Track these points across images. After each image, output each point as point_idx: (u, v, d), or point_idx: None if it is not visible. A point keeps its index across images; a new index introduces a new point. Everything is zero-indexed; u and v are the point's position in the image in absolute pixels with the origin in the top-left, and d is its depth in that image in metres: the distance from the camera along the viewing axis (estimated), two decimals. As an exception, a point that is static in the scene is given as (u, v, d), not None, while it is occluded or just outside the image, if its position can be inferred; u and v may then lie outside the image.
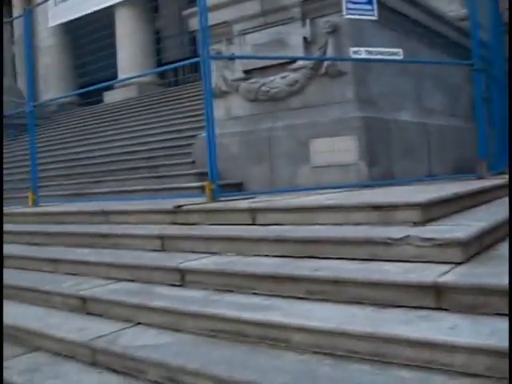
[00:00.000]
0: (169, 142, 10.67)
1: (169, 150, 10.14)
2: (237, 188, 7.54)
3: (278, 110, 7.68)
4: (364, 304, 3.42)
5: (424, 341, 2.85)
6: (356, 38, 7.18)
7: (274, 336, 3.35)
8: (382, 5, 6.90)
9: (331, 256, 4.04)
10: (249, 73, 7.94)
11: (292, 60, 7.48)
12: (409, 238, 3.77)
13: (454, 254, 3.60)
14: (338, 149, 7.00)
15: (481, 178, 6.81)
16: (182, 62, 8.02)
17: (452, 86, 9.38)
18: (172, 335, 3.76)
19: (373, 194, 5.63)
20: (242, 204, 5.49)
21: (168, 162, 9.46)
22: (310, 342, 3.20)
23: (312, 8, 7.45)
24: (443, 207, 4.60)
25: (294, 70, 7.47)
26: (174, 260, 4.72)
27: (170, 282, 4.52)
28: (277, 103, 7.70)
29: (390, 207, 4.40)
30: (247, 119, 8.01)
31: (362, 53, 6.64)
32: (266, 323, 3.41)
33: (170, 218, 5.83)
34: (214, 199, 5.93)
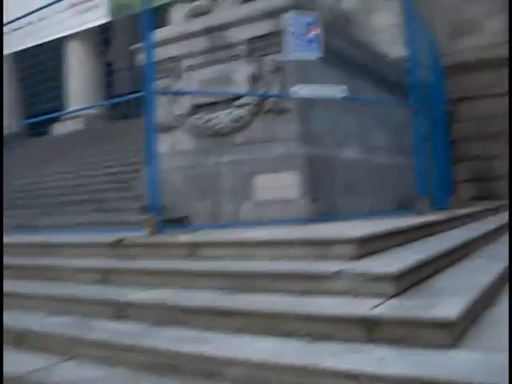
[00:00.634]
0: (114, 176, 10.63)
1: (115, 184, 10.09)
2: (181, 222, 7.54)
3: (223, 145, 7.77)
4: (298, 337, 3.47)
5: (352, 372, 2.91)
6: (301, 76, 7.31)
7: (209, 369, 3.37)
8: (326, 45, 7.07)
9: (267, 290, 4.10)
10: (196, 108, 8.02)
11: (237, 96, 7.59)
12: (343, 272, 3.87)
13: (386, 287, 3.70)
14: (281, 185, 7.09)
15: (421, 213, 6.98)
16: (126, 97, 8.06)
17: (395, 125, 9.62)
18: (107, 369, 3.73)
19: (312, 229, 5.72)
20: (183, 238, 5.53)
21: (113, 195, 9.41)
22: (244, 375, 3.24)
23: (258, 46, 7.61)
24: (379, 242, 4.73)
25: (239, 106, 7.58)
26: (113, 293, 4.72)
27: (108, 315, 4.50)
28: (222, 139, 7.79)
29: (327, 242, 4.50)
30: (193, 154, 8.06)
31: (305, 90, 6.77)
32: (201, 356, 3.43)
33: (111, 252, 5.80)
34: (155, 233, 5.94)
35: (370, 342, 3.28)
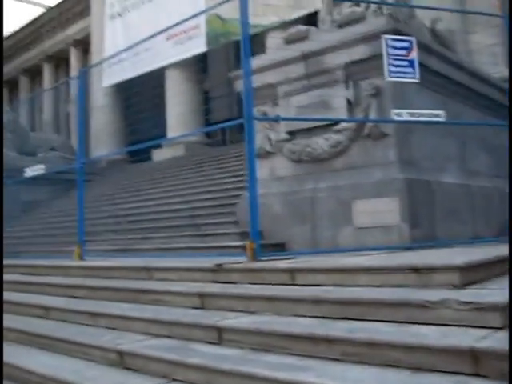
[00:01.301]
0: (213, 201, 10.82)
1: (213, 209, 10.28)
2: (279, 248, 7.56)
3: (321, 170, 7.75)
4: (399, 367, 3.39)
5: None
6: (398, 100, 7.24)
7: (308, 397, 3.34)
8: (424, 67, 6.97)
9: (368, 318, 4.03)
10: (293, 134, 8.07)
11: (335, 122, 7.57)
12: (447, 301, 3.75)
13: (493, 318, 3.56)
14: (380, 210, 6.99)
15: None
16: (226, 123, 8.19)
17: (497, 147, 9.30)
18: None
19: (413, 255, 5.60)
20: (282, 264, 5.52)
21: (212, 220, 9.58)
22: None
23: (355, 71, 7.57)
24: (484, 270, 4.56)
25: (337, 131, 7.55)
26: (212, 318, 4.78)
27: (207, 340, 4.56)
28: (320, 164, 7.77)
29: (429, 269, 4.37)
30: (290, 180, 8.08)
31: (404, 115, 6.69)
32: (301, 384, 3.41)
33: (210, 277, 5.88)
34: (255, 259, 5.97)
35: (476, 375, 3.15)
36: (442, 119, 6.80)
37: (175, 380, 4.11)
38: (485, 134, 8.94)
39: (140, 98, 24.63)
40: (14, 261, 10.05)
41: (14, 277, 8.81)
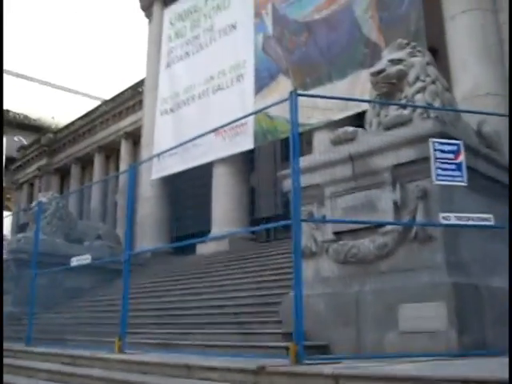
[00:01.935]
0: (256, 299, 10.74)
1: (256, 307, 10.20)
2: (322, 350, 7.40)
3: (367, 272, 7.67)
4: None
5: None
6: (445, 203, 7.22)
7: None
8: (472, 170, 6.97)
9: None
10: (338, 234, 8.06)
11: (382, 224, 7.55)
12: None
13: None
14: (427, 315, 6.84)
15: None
16: (274, 224, 8.22)
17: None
18: None
19: (463, 365, 5.42)
20: (327, 369, 5.39)
21: (254, 319, 9.48)
22: None
23: (402, 173, 7.61)
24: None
25: (384, 233, 7.52)
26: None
27: None
28: (365, 266, 7.71)
29: (480, 383, 4.22)
30: (335, 281, 8.01)
31: (451, 218, 6.66)
32: None
33: (252, 378, 5.78)
34: (298, 362, 5.85)
35: None
36: (490, 223, 6.74)
37: None
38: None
39: (186, 190, 25.06)
40: (57, 349, 10.17)
41: (57, 366, 8.90)
